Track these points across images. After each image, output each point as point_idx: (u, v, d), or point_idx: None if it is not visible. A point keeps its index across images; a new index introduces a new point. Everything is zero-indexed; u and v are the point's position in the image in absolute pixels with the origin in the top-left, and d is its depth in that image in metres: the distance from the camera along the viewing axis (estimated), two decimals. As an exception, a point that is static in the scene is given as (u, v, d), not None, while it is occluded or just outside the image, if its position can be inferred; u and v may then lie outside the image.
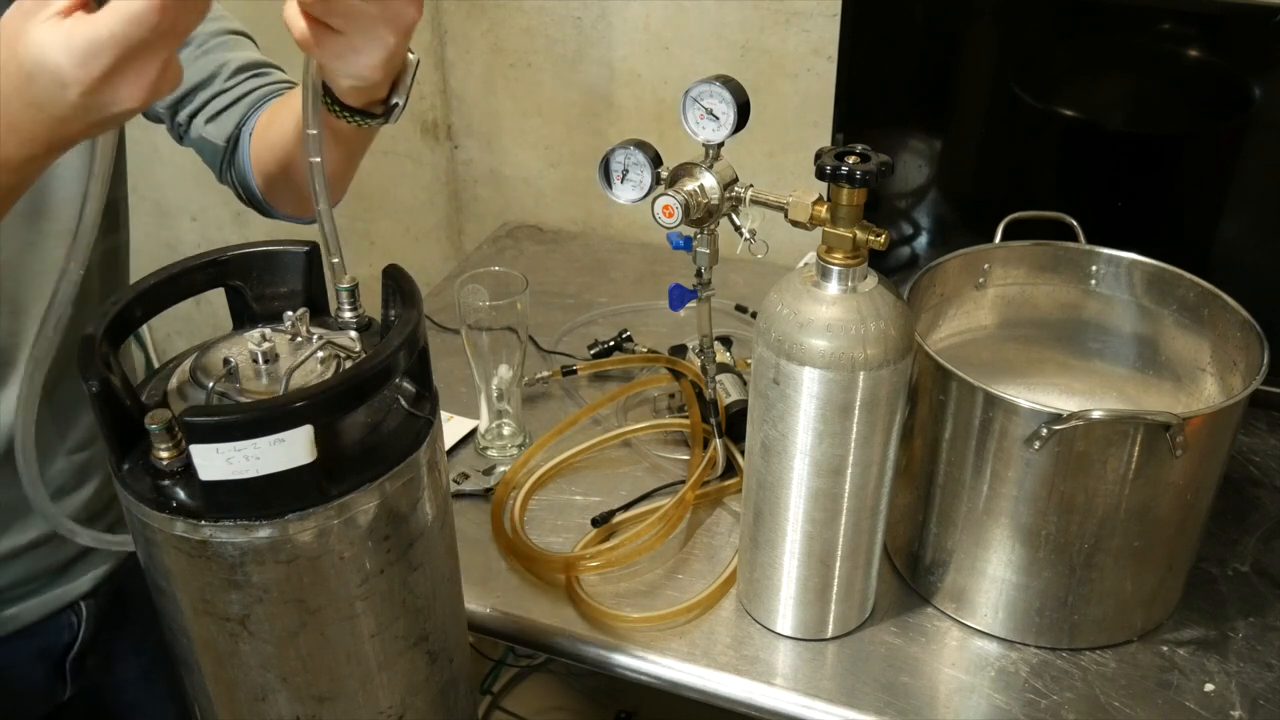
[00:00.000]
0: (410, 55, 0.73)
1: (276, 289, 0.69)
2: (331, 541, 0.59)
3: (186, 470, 0.57)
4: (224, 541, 0.57)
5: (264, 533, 0.57)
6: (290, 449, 0.54)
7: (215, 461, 0.54)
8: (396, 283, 0.65)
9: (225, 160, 0.94)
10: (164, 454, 0.58)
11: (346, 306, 0.67)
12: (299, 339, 0.65)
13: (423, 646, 0.67)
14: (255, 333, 0.63)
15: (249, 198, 0.96)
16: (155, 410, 0.57)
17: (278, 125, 0.88)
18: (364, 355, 0.64)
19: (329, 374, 0.63)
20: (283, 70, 0.96)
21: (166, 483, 0.58)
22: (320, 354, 0.63)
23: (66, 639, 0.94)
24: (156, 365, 0.64)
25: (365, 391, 0.58)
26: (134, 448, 0.60)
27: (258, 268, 0.68)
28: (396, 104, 0.76)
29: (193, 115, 0.93)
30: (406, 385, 0.64)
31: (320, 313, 0.69)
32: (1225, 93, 1.14)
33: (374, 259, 1.84)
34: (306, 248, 0.68)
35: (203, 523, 0.56)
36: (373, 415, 0.62)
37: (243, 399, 0.61)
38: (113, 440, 0.58)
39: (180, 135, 0.94)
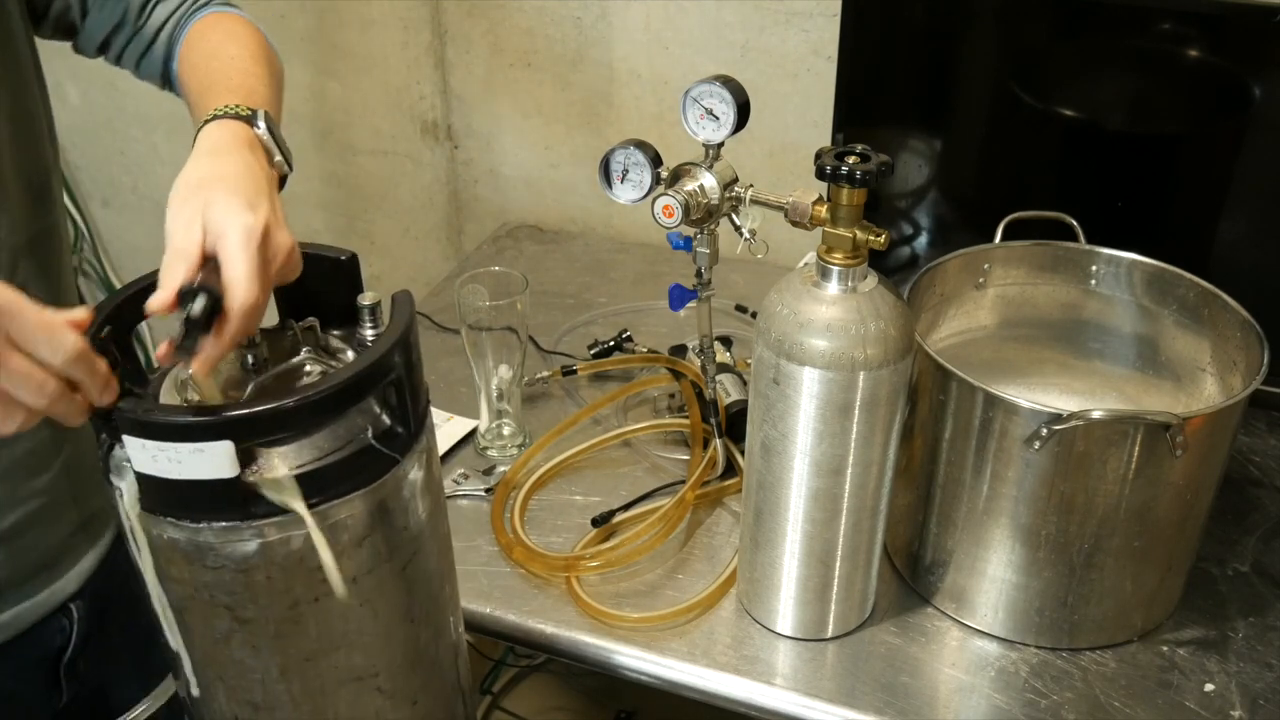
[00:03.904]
0: None
1: (315, 292, 0.68)
2: (256, 559, 0.58)
3: None
4: (157, 534, 0.58)
5: (180, 535, 0.57)
6: (210, 460, 0.54)
7: (142, 456, 0.55)
8: (386, 313, 0.64)
9: (169, 90, 0.94)
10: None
11: (368, 323, 0.66)
12: (299, 349, 0.64)
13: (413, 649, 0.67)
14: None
15: None
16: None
17: (193, 89, 0.86)
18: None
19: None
20: None
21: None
22: (308, 368, 0.62)
23: (60, 644, 0.94)
24: (156, 366, 0.64)
25: (289, 422, 0.57)
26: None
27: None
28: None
29: (119, 58, 0.93)
30: (383, 417, 0.61)
31: (351, 322, 0.68)
32: (1225, 93, 1.14)
33: (374, 259, 1.84)
34: (344, 256, 0.67)
35: (141, 510, 0.57)
36: (329, 442, 0.59)
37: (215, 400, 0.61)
38: (96, 421, 0.59)
39: (118, 66, 0.95)
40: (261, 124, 0.76)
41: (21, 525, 0.88)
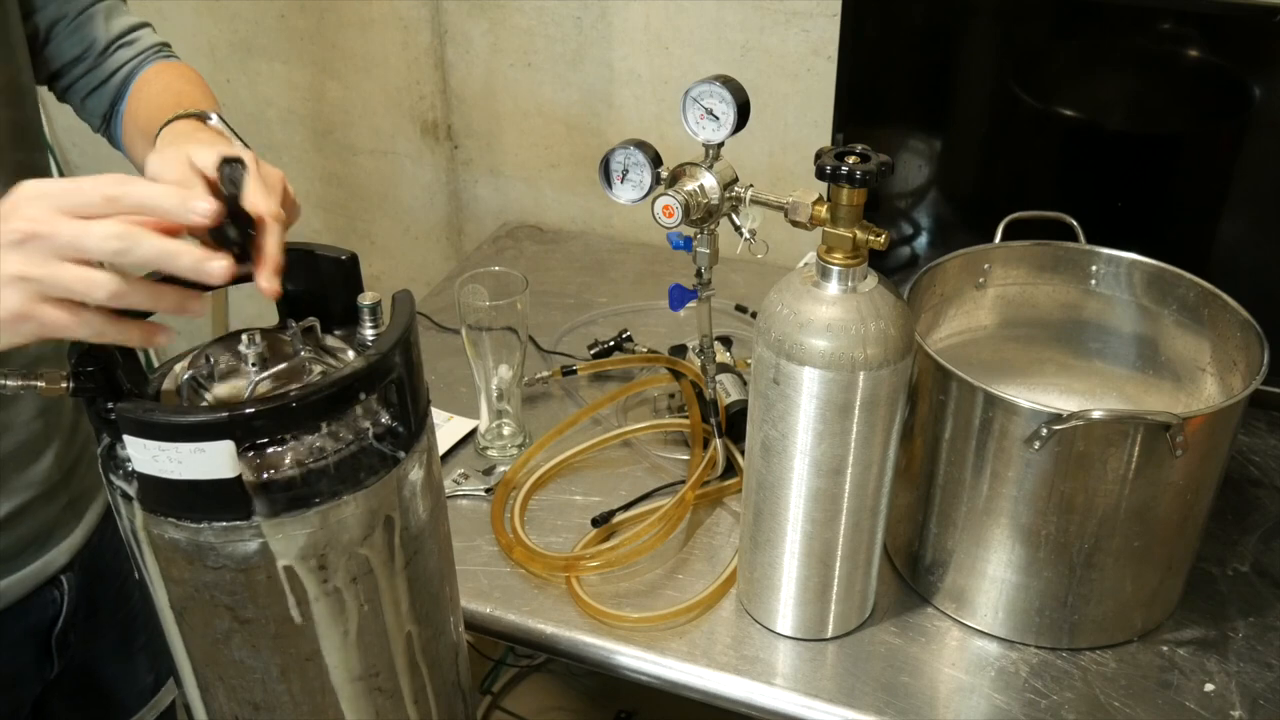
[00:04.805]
0: None
1: (315, 292, 0.68)
2: (256, 559, 0.58)
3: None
4: (158, 535, 0.58)
5: (181, 535, 0.57)
6: (211, 460, 0.54)
7: (143, 456, 0.54)
8: (386, 313, 0.63)
9: (102, 129, 0.97)
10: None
11: (368, 323, 0.66)
12: (299, 349, 0.64)
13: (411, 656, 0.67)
14: (245, 335, 0.63)
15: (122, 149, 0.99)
16: None
17: (143, 117, 0.90)
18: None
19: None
20: (150, 27, 0.98)
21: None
22: (307, 367, 0.62)
23: (51, 615, 0.95)
24: (156, 365, 0.64)
25: (289, 421, 0.57)
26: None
27: (300, 267, 0.67)
28: None
29: (67, 89, 0.95)
30: (384, 417, 0.62)
31: (351, 322, 0.68)
32: (1225, 93, 1.14)
33: (374, 259, 1.84)
34: (344, 256, 0.67)
35: (139, 508, 0.57)
36: (330, 441, 0.59)
37: (210, 399, 0.60)
38: (96, 420, 0.59)
39: (58, 97, 0.97)
40: (214, 118, 0.79)
41: (13, 515, 0.89)
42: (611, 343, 1.29)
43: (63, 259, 0.55)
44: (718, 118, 0.88)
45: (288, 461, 0.57)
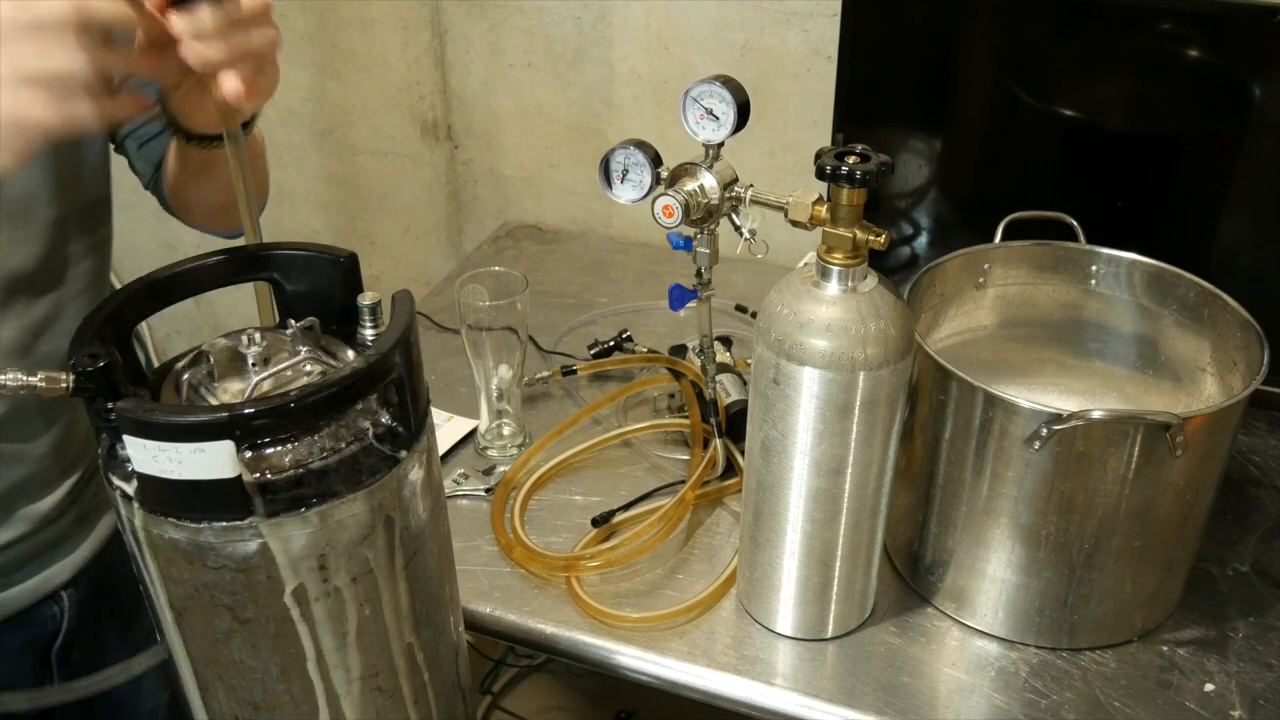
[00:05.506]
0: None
1: (315, 292, 0.68)
2: (256, 559, 0.58)
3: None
4: (157, 534, 0.58)
5: (181, 535, 0.57)
6: (211, 460, 0.54)
7: (143, 456, 0.54)
8: (386, 313, 0.63)
9: (154, 180, 0.97)
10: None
11: (368, 323, 0.66)
12: (299, 349, 0.64)
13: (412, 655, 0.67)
14: (245, 335, 0.63)
15: (168, 208, 0.99)
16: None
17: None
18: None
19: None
20: None
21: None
22: (307, 367, 0.62)
23: (50, 630, 0.94)
24: (156, 365, 0.64)
25: (289, 421, 0.57)
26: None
27: (300, 267, 0.67)
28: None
29: (126, 136, 0.95)
30: (383, 417, 0.62)
31: (351, 322, 0.68)
32: (1225, 93, 1.14)
33: (374, 259, 1.84)
34: (344, 256, 0.67)
35: (139, 508, 0.57)
36: (330, 441, 0.59)
37: (211, 399, 0.60)
38: (96, 420, 0.59)
39: (115, 148, 0.96)
40: None
41: (20, 539, 0.88)
42: (611, 343, 1.29)
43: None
44: (718, 118, 0.88)
45: (288, 461, 0.57)
